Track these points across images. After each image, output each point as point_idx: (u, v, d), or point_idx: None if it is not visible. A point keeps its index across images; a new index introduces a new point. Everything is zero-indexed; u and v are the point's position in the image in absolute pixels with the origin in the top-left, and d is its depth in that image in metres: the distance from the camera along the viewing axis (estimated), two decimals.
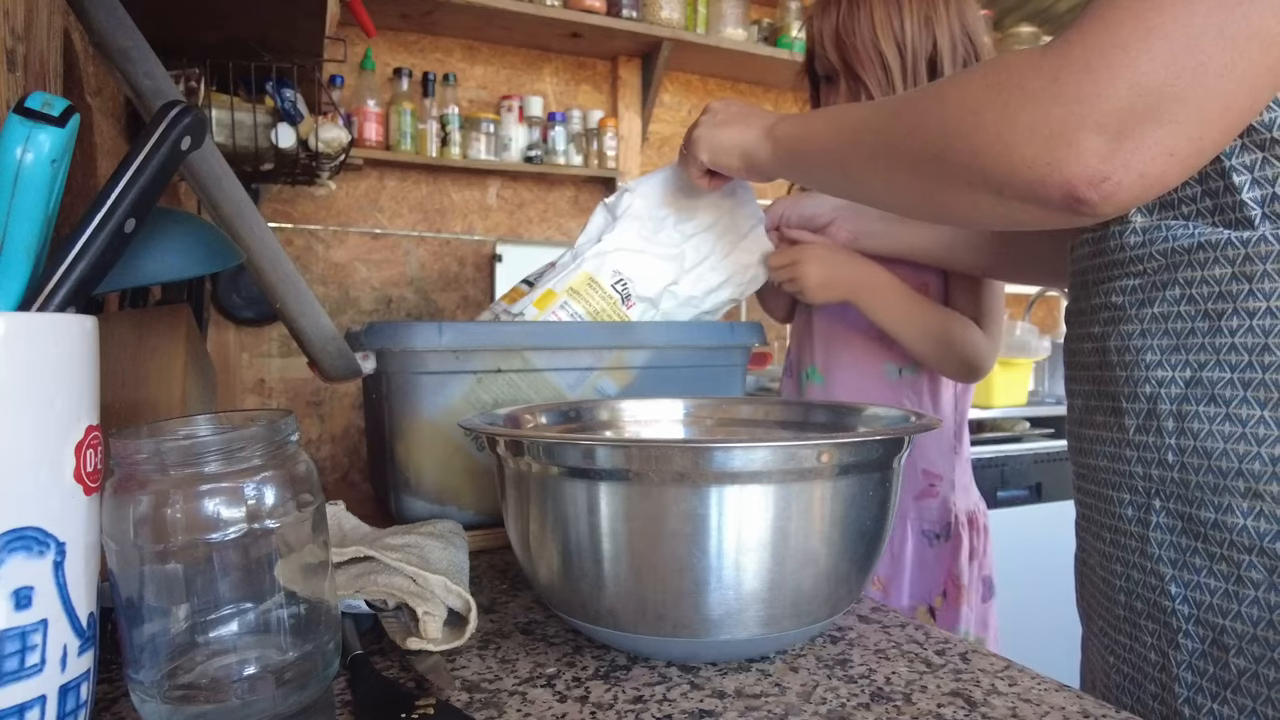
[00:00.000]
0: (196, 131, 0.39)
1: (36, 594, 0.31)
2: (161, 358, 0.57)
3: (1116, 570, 0.57)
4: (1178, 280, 0.51)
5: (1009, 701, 0.43)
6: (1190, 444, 0.50)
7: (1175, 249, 0.51)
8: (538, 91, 2.35)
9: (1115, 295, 0.55)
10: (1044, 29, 2.85)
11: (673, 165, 0.87)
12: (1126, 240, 0.54)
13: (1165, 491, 0.52)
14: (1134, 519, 0.54)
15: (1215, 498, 0.49)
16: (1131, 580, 0.55)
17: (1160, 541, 0.52)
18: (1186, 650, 0.51)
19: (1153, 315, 0.53)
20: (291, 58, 1.12)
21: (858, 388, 1.04)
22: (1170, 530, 0.52)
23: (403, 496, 0.70)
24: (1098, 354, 0.58)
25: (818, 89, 1.06)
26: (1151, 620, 0.54)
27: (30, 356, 0.31)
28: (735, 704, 0.42)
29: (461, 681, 0.44)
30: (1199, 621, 0.50)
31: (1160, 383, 0.52)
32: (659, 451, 0.44)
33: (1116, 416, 0.56)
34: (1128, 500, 0.55)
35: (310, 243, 2.14)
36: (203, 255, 0.48)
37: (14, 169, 0.33)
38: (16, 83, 0.54)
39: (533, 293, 0.81)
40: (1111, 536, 0.57)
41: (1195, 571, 0.51)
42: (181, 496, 0.36)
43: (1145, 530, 0.53)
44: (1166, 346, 0.52)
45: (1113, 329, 0.56)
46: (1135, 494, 0.54)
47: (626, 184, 0.88)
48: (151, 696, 0.37)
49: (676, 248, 0.84)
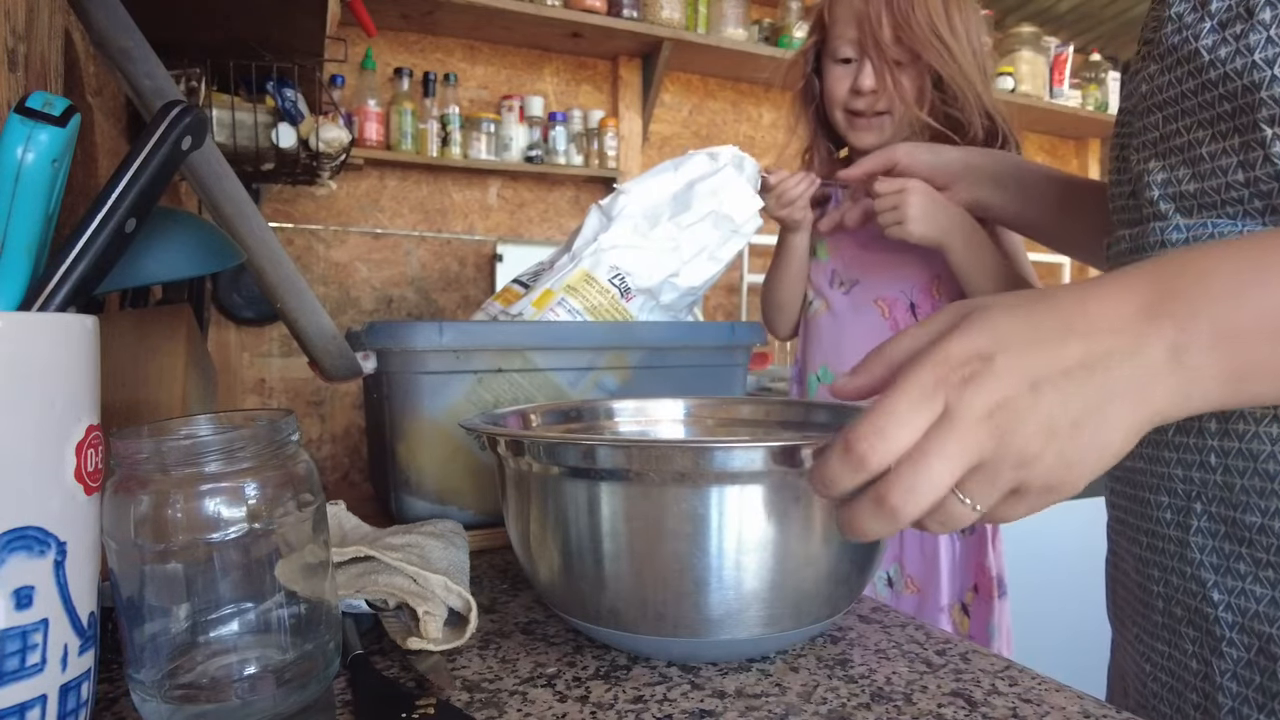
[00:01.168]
0: (197, 131, 0.39)
1: (37, 593, 0.31)
2: (162, 357, 0.57)
3: (1154, 575, 0.55)
4: None
5: (1009, 701, 0.42)
6: (1234, 446, 0.48)
7: None
8: (538, 91, 2.35)
9: None
10: (1044, 29, 2.85)
11: (665, 164, 0.89)
12: (1168, 238, 0.52)
13: (1207, 495, 0.50)
14: (1173, 523, 0.52)
15: (1261, 501, 0.47)
16: (1170, 586, 0.53)
17: (1201, 546, 0.50)
18: (1230, 659, 0.49)
19: None
20: (292, 57, 1.12)
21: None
22: (1212, 535, 0.50)
23: (403, 496, 0.70)
24: None
25: (819, 74, 1.06)
26: (1192, 627, 0.52)
27: (31, 356, 0.31)
28: (736, 704, 0.42)
29: (462, 681, 0.44)
30: (1244, 629, 0.48)
31: None
32: (659, 451, 0.44)
33: None
34: (1166, 503, 0.53)
35: (311, 242, 2.14)
36: (203, 255, 0.48)
37: (15, 168, 0.33)
38: (17, 82, 0.54)
39: (531, 293, 0.81)
40: (1148, 541, 0.55)
41: (1239, 578, 0.49)
42: (182, 496, 0.36)
43: (1185, 535, 0.51)
44: None
45: None
46: (1174, 497, 0.52)
47: (620, 186, 0.88)
48: (152, 696, 0.37)
49: (673, 240, 0.84)
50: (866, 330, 1.05)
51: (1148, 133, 0.55)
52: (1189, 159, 0.51)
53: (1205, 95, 0.49)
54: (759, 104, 2.67)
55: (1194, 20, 0.50)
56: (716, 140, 2.59)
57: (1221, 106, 0.49)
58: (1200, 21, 0.49)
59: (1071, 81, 2.82)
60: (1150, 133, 0.55)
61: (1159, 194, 0.53)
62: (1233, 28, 0.47)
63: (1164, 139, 0.53)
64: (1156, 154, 0.54)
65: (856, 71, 1.00)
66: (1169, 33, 0.51)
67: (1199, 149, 0.51)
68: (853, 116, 1.04)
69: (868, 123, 1.03)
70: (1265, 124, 0.46)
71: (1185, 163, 0.52)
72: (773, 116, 2.69)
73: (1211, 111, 0.49)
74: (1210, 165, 0.50)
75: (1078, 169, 3.13)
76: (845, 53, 1.01)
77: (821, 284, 1.12)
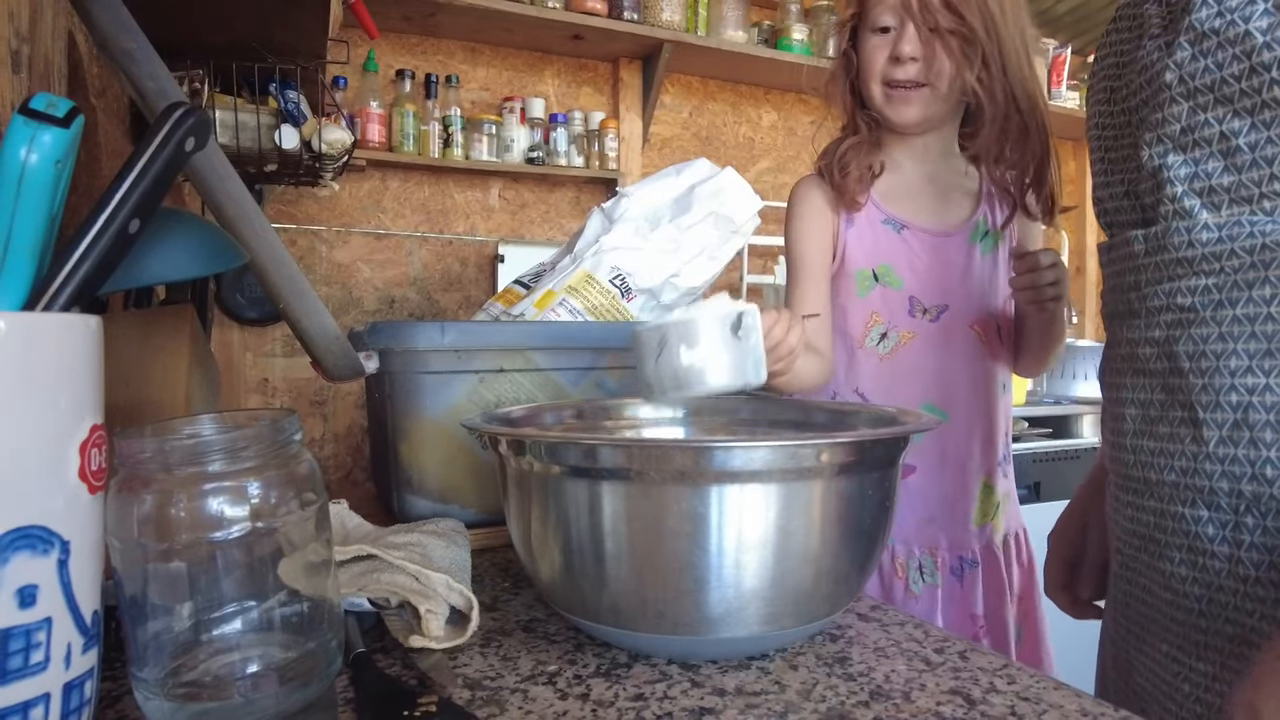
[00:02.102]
0: (200, 133, 0.39)
1: (41, 592, 0.31)
2: (165, 357, 0.57)
3: (1193, 593, 0.52)
4: (1268, 279, 0.47)
5: (1008, 699, 0.43)
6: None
7: (1266, 245, 0.47)
8: (539, 93, 2.35)
9: (1182, 296, 0.51)
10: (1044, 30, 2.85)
11: (668, 169, 0.88)
12: (1196, 237, 0.50)
13: (1262, 508, 0.48)
14: (1217, 538, 0.50)
15: None
16: (1216, 604, 0.51)
17: (1257, 562, 0.48)
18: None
19: (1234, 317, 0.48)
20: (295, 59, 1.12)
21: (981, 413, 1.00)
22: (1269, 550, 0.48)
23: (405, 495, 0.70)
24: (1161, 360, 0.53)
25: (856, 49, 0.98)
26: (1250, 647, 0.49)
27: (35, 356, 0.31)
28: (735, 701, 0.42)
29: (463, 679, 0.45)
30: None
31: (1250, 390, 0.48)
32: (660, 451, 0.44)
33: (1192, 428, 0.51)
34: (1207, 518, 0.50)
35: (313, 243, 2.14)
36: (206, 256, 0.48)
37: (19, 170, 0.33)
38: (21, 84, 0.54)
39: (532, 294, 0.82)
40: (1183, 556, 0.53)
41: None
42: (185, 495, 0.37)
43: (1235, 550, 0.49)
44: (1256, 351, 0.48)
45: (1181, 333, 0.51)
46: (1218, 511, 0.50)
47: (623, 189, 0.88)
48: (155, 694, 0.37)
49: (674, 241, 0.85)
50: (967, 356, 0.99)
51: (1168, 125, 0.52)
52: (1223, 150, 0.49)
53: (1254, 80, 0.47)
54: (759, 105, 2.67)
55: (1241, 3, 0.47)
56: (717, 141, 2.59)
57: (1273, 92, 0.46)
58: (1251, 5, 0.47)
59: (1070, 83, 2.82)
60: (1171, 125, 0.52)
61: (1182, 189, 0.51)
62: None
63: (1190, 130, 0.51)
64: (1178, 146, 0.51)
65: (896, 39, 0.92)
66: (1205, 17, 0.49)
67: (1236, 139, 0.48)
68: (890, 89, 0.95)
69: (906, 95, 0.94)
70: None
71: (1218, 155, 0.49)
72: (772, 118, 2.69)
73: (1257, 98, 0.47)
74: (1251, 156, 0.48)
75: (1076, 170, 3.12)
76: (885, 21, 0.93)
77: (899, 315, 0.98)
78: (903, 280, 0.99)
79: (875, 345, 0.99)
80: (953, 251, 0.99)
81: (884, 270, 0.99)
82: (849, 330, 1.00)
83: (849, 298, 1.00)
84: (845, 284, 1.00)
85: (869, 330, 0.99)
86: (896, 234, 0.99)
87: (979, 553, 0.99)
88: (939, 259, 0.99)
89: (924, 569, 0.97)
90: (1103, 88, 0.61)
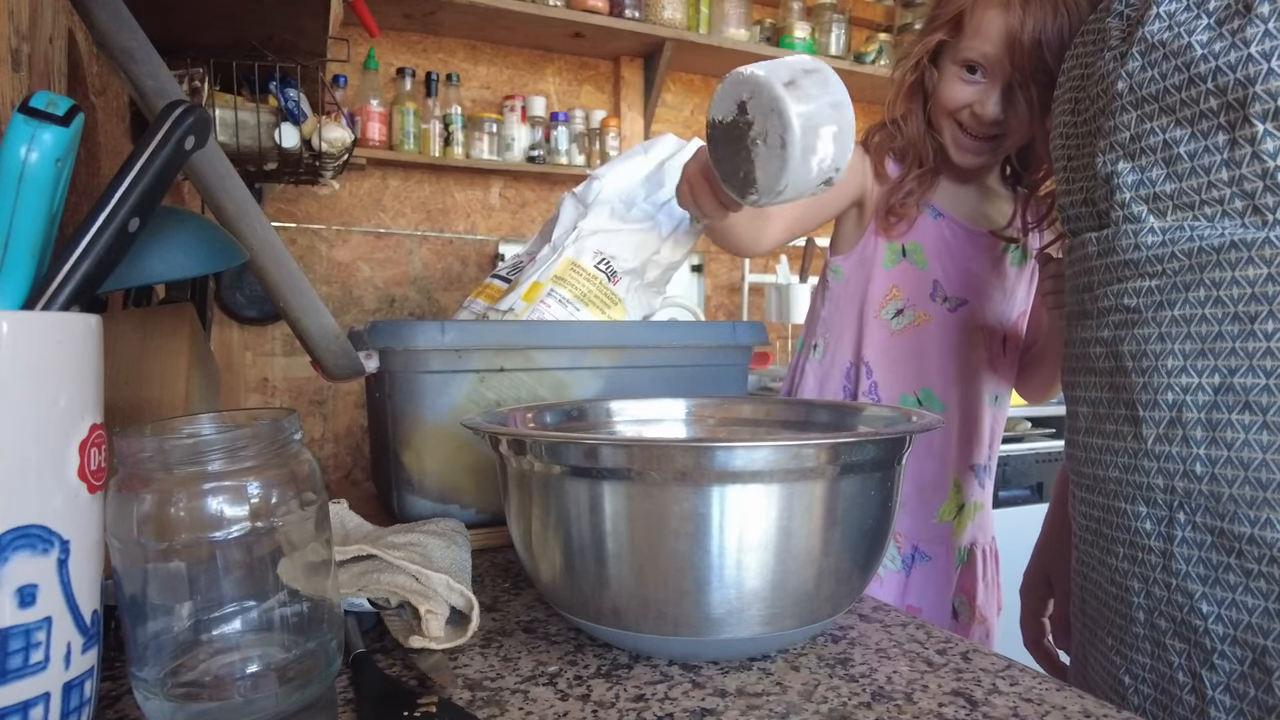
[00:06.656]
0: (200, 131, 0.39)
1: (40, 592, 0.31)
2: (165, 356, 0.57)
3: (1133, 587, 0.54)
4: (1203, 281, 0.48)
5: (1010, 701, 0.43)
6: (1223, 454, 0.47)
7: (1202, 249, 0.48)
8: (540, 91, 2.35)
9: (1128, 297, 0.53)
10: None
11: (635, 148, 0.88)
12: (1142, 240, 0.51)
13: (1192, 504, 0.49)
14: (1154, 533, 0.52)
15: (1252, 511, 0.46)
16: (1153, 597, 0.52)
17: (1187, 557, 0.50)
18: (1223, 671, 0.48)
19: (1173, 318, 0.50)
20: (295, 58, 1.12)
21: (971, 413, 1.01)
22: (1198, 545, 0.49)
23: (405, 495, 0.70)
24: (1109, 359, 0.55)
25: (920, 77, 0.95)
26: (1179, 639, 0.51)
27: (34, 355, 0.31)
28: (737, 703, 0.42)
29: (463, 680, 0.45)
30: (1236, 642, 0.47)
31: (1185, 389, 0.49)
32: (661, 451, 0.44)
33: (1133, 425, 0.53)
34: (1145, 513, 0.52)
35: (313, 242, 2.14)
36: (206, 254, 0.48)
37: (18, 168, 0.33)
38: (21, 82, 0.54)
39: (517, 287, 0.81)
40: (1125, 551, 0.54)
41: (1229, 589, 0.48)
42: (185, 495, 0.37)
43: (1168, 545, 0.51)
44: (1190, 351, 0.49)
45: (1126, 333, 0.53)
46: (1155, 507, 0.51)
47: (594, 172, 0.88)
48: (155, 694, 0.37)
49: (651, 218, 0.85)
50: (970, 354, 0.99)
51: (1119, 133, 0.54)
52: (1165, 158, 0.51)
53: (1192, 91, 0.49)
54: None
55: (1188, 18, 0.49)
56: None
57: (1208, 103, 0.48)
58: (1195, 19, 0.49)
59: None
60: (1122, 133, 0.53)
61: (1130, 196, 0.53)
62: (1230, 24, 0.47)
63: (1137, 139, 0.52)
64: (1127, 154, 0.53)
65: (984, 93, 0.89)
66: (1156, 30, 0.50)
67: (1177, 148, 0.50)
68: (961, 133, 0.93)
69: (978, 146, 0.93)
70: (1257, 119, 0.46)
71: (1160, 163, 0.51)
72: None
73: (1195, 109, 0.49)
74: (1190, 164, 0.49)
75: None
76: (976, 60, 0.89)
77: (919, 295, 0.99)
78: (929, 263, 0.99)
79: (890, 319, 1.00)
80: (983, 250, 0.99)
81: (913, 248, 0.99)
82: (868, 296, 1.00)
83: (875, 265, 1.00)
84: (874, 251, 1.00)
85: (887, 303, 1.00)
86: (933, 220, 0.99)
87: (932, 548, 1.00)
88: (968, 252, 0.99)
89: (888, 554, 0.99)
90: (1068, 98, 0.62)
